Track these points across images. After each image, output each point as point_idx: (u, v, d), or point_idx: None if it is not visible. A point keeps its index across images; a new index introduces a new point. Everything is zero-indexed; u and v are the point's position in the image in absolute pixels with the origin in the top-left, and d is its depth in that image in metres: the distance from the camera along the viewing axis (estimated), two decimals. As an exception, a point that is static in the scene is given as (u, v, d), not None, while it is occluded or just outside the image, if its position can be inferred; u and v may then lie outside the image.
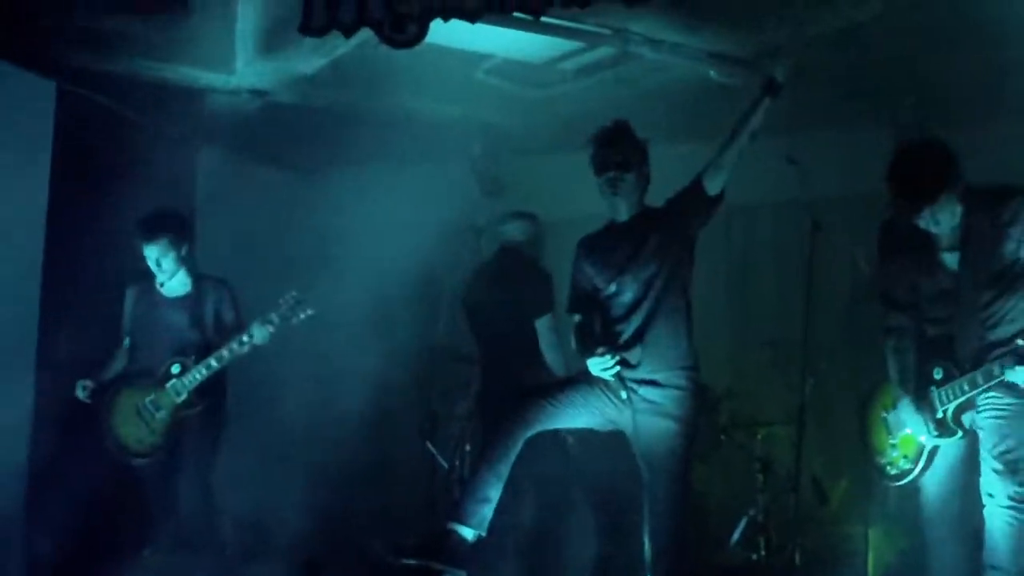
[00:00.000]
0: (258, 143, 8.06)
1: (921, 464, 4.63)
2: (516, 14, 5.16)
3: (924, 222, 4.39)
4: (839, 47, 6.24)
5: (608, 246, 5.04)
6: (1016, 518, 4.36)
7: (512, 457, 4.83)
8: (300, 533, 6.52)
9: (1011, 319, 4.36)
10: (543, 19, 5.38)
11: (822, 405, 7.01)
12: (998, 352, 4.32)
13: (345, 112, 7.31)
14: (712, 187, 4.95)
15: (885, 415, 4.79)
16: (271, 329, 5.80)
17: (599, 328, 5.00)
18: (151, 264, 5.95)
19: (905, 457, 4.70)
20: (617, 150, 5.00)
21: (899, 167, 4.41)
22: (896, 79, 6.91)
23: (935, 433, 4.54)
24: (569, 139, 7.92)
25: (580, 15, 5.43)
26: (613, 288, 4.95)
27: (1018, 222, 4.33)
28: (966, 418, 4.50)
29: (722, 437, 6.69)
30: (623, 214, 5.03)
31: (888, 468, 4.79)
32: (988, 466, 4.42)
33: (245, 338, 5.81)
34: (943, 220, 4.38)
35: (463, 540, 4.79)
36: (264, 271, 7.58)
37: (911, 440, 4.66)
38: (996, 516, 4.41)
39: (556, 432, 5.46)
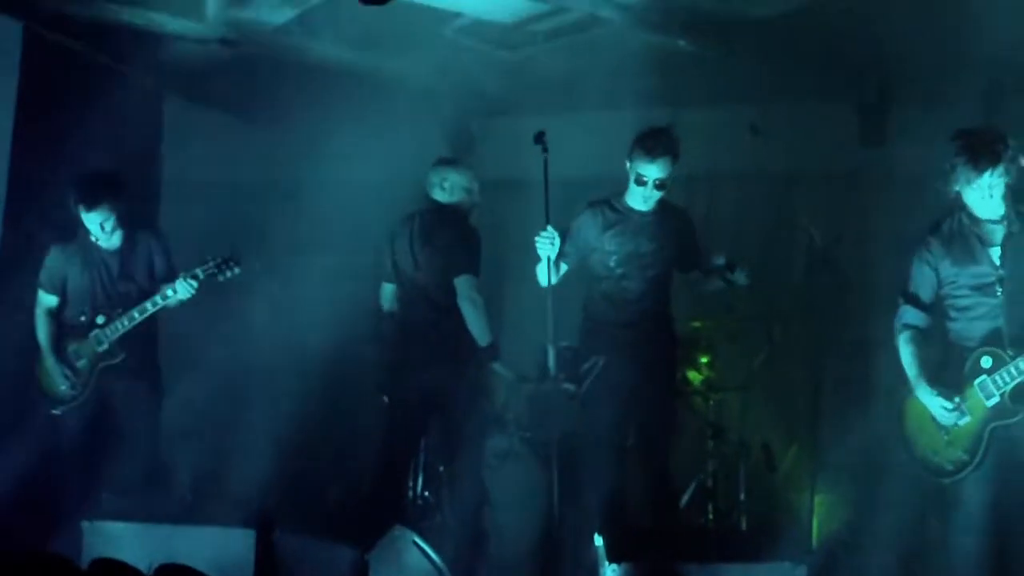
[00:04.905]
0: (225, 92, 8.02)
1: (979, 456, 4.68)
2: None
3: (981, 190, 4.64)
4: (808, 22, 6.29)
5: None
6: None
7: None
8: (257, 482, 6.57)
9: None
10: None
11: (775, 373, 7.14)
12: None
13: (313, 66, 7.28)
14: None
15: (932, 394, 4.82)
16: (194, 285, 5.85)
17: None
18: (94, 228, 5.96)
19: (963, 450, 4.74)
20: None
21: (963, 134, 4.71)
22: (861, 56, 6.98)
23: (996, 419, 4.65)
24: (540, 101, 7.99)
25: (552, -23, 5.45)
26: None
27: None
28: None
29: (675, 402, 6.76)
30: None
31: (945, 465, 4.80)
32: None
33: (169, 292, 5.90)
34: (996, 193, 4.65)
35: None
36: (223, 220, 7.59)
37: (966, 432, 4.74)
38: None
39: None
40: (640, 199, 5.63)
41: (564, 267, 5.67)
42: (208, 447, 6.91)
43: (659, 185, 5.58)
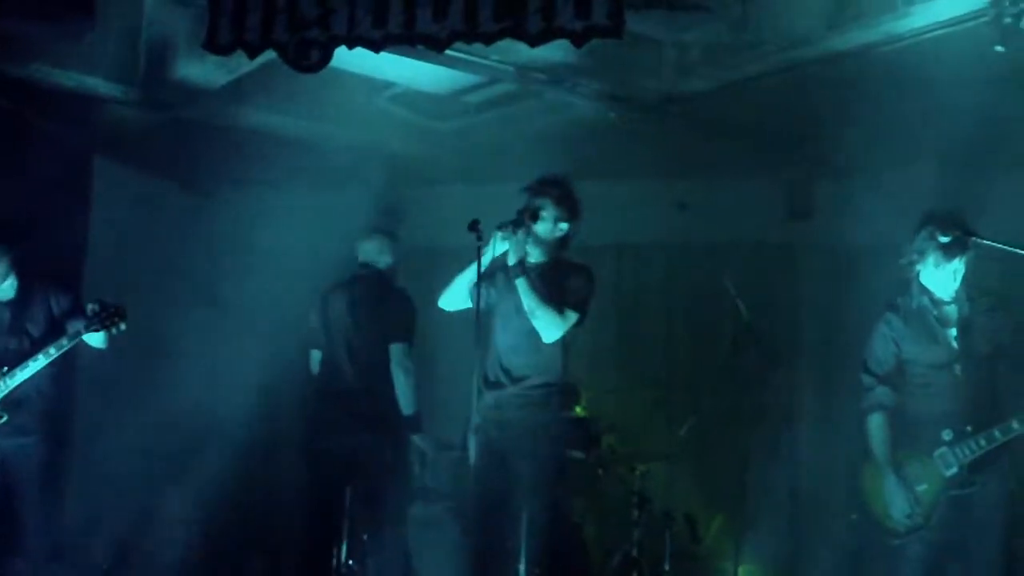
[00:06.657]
0: (156, 157, 7.98)
1: (932, 521, 4.92)
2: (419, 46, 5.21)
3: (946, 273, 4.92)
4: (737, 97, 6.42)
5: None
6: None
7: None
8: (176, 551, 6.48)
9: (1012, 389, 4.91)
10: (446, 51, 5.44)
11: (701, 443, 7.18)
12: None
13: (246, 131, 7.29)
14: None
15: (896, 479, 4.99)
16: (66, 343, 5.60)
17: None
18: None
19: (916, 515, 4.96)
20: None
21: (942, 213, 4.95)
22: (789, 130, 7.13)
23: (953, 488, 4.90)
24: (469, 171, 8.06)
25: (483, 50, 5.50)
26: None
27: (997, 310, 5.00)
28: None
29: (600, 471, 6.77)
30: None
31: (898, 527, 4.98)
32: None
33: (52, 350, 5.62)
34: (958, 276, 4.95)
35: None
36: (155, 286, 7.53)
37: (923, 499, 4.94)
38: None
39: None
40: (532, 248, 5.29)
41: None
42: (126, 515, 6.79)
43: (532, 215, 5.22)
